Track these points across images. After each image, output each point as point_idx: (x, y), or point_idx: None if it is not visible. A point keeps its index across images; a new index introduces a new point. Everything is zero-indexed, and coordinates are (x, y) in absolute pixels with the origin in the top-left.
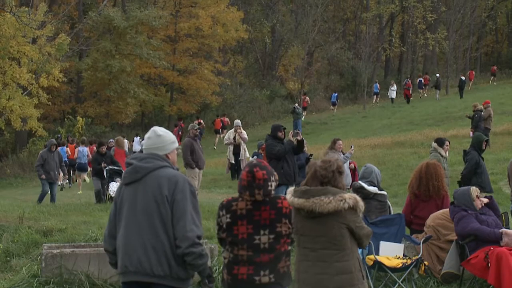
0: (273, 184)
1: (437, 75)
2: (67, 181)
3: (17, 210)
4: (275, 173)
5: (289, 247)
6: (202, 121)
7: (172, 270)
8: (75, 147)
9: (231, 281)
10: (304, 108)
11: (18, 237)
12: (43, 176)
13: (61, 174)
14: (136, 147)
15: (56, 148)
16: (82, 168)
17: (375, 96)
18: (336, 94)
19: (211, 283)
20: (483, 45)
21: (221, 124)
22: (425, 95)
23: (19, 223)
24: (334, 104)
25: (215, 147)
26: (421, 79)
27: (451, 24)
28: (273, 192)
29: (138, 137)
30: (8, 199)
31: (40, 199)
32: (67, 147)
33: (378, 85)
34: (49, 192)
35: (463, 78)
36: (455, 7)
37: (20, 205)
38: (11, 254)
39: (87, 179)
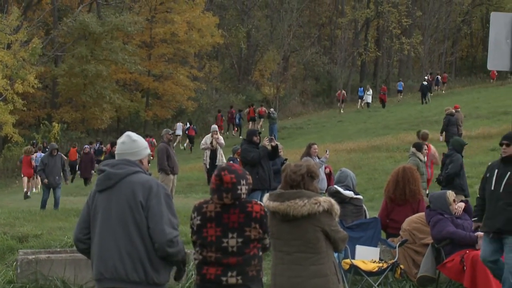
0: (244, 187)
1: (427, 76)
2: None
3: None
4: (248, 176)
5: (260, 252)
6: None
7: (148, 276)
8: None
9: (200, 281)
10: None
11: None
12: (45, 181)
13: (38, 180)
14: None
15: (57, 152)
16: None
17: (360, 100)
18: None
19: (183, 271)
20: (458, 49)
21: (255, 113)
22: (443, 91)
23: None
24: (361, 98)
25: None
26: (438, 76)
27: (426, 28)
28: (244, 195)
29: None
30: None
31: (42, 206)
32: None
33: (363, 89)
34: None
35: (424, 83)
36: (430, 12)
37: None
38: None
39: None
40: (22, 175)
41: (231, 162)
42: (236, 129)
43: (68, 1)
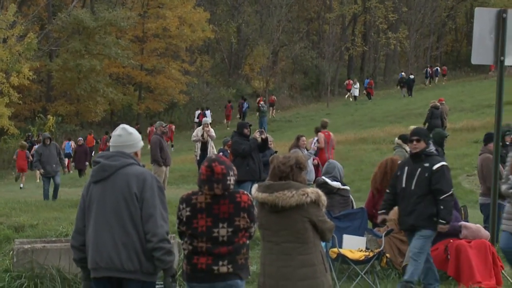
0: (232, 178)
1: (402, 73)
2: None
3: None
4: (234, 168)
5: (248, 241)
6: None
7: (142, 265)
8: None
9: (190, 271)
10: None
11: None
12: (42, 171)
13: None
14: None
15: (51, 141)
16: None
17: (402, 88)
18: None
19: (174, 283)
20: (443, 44)
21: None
22: (443, 83)
23: None
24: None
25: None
26: (438, 68)
27: (412, 23)
28: (232, 186)
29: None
30: None
31: (45, 197)
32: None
33: (403, 74)
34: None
35: (411, 76)
36: (416, 7)
37: None
38: None
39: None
40: (17, 169)
41: (222, 153)
42: (240, 117)
43: None
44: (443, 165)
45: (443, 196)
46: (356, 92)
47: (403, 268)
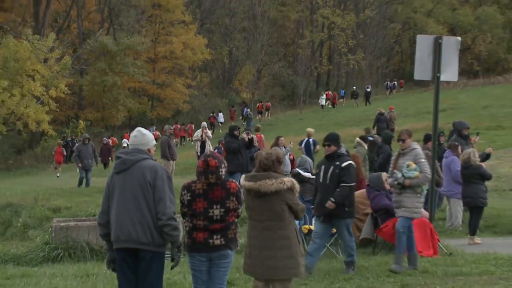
0: (223, 170)
1: (354, 87)
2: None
3: (33, 193)
4: (225, 162)
5: (236, 219)
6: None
7: (154, 238)
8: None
9: (191, 243)
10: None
11: (33, 214)
12: (80, 165)
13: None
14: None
15: (89, 141)
16: None
17: (342, 99)
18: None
19: (179, 253)
20: (391, 63)
21: (262, 108)
22: (357, 101)
23: (35, 203)
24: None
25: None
26: (395, 82)
27: (367, 47)
28: (223, 176)
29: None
30: (26, 185)
31: (79, 183)
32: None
33: (344, 91)
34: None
35: (368, 89)
36: (370, 34)
37: (36, 189)
38: (28, 226)
39: None
40: (54, 162)
41: (217, 150)
42: (244, 119)
43: (90, 26)
44: (350, 163)
45: (343, 184)
46: (323, 102)
47: (360, 241)
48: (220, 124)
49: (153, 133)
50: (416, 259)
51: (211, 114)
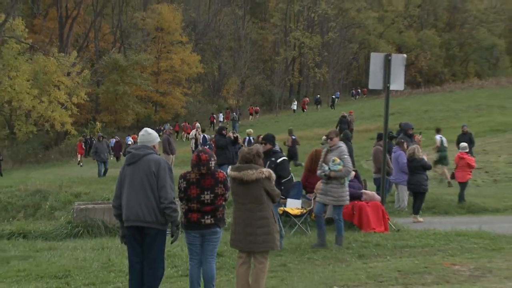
0: (213, 163)
1: (318, 96)
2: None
3: (58, 181)
4: (214, 156)
5: (224, 202)
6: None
7: (157, 218)
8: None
9: (187, 222)
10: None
11: (59, 198)
12: (97, 159)
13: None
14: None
15: (103, 139)
16: None
17: (318, 105)
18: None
19: (178, 230)
20: (350, 76)
21: (253, 110)
22: (319, 107)
23: (59, 189)
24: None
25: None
26: (359, 90)
27: (330, 63)
28: (213, 167)
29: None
30: (52, 175)
31: (99, 174)
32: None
33: (319, 96)
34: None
35: (333, 96)
36: (333, 52)
37: (60, 178)
38: (54, 208)
39: None
40: (78, 154)
41: (208, 146)
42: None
43: (105, 45)
44: (284, 159)
45: (284, 180)
46: (294, 107)
47: (326, 220)
48: (220, 122)
49: (168, 129)
50: (324, 237)
51: (212, 114)
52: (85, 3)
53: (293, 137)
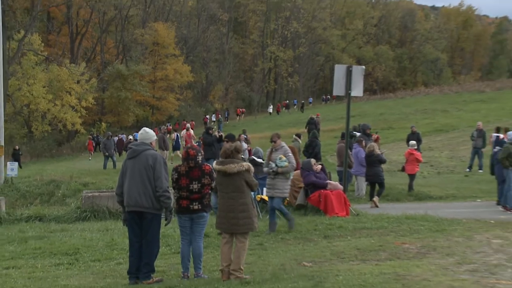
0: (200, 157)
1: (287, 101)
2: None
3: (69, 173)
4: (202, 151)
5: (210, 191)
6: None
7: (153, 204)
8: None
9: (178, 208)
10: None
11: (69, 187)
12: (106, 154)
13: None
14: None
15: (111, 137)
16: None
17: (288, 109)
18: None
19: (171, 215)
20: (317, 84)
21: (240, 112)
22: (289, 111)
23: (70, 180)
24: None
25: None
26: (329, 96)
27: (300, 73)
28: (200, 161)
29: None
30: (64, 167)
31: (104, 167)
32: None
33: (297, 100)
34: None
35: (303, 101)
36: (302, 64)
37: (71, 170)
38: (66, 196)
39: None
40: (88, 150)
41: (197, 143)
42: (226, 120)
43: (110, 57)
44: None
45: None
46: (270, 110)
47: (296, 206)
48: (212, 122)
49: (169, 127)
50: (275, 226)
51: (205, 116)
52: (92, 22)
53: (245, 136)
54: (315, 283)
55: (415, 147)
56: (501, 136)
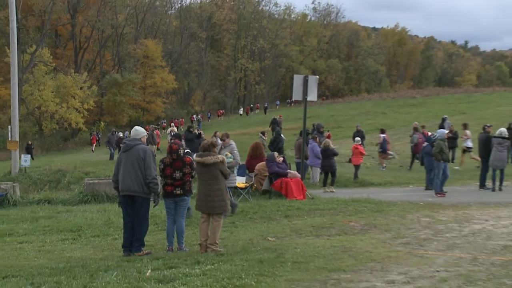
0: (182, 151)
1: (251, 104)
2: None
3: (74, 163)
4: (183, 145)
5: (191, 179)
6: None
7: (143, 189)
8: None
9: (164, 193)
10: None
11: (74, 175)
12: (109, 147)
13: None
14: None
15: (115, 133)
16: None
17: (252, 111)
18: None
19: (158, 198)
20: (280, 91)
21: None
22: (253, 113)
23: (74, 169)
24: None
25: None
26: (293, 100)
27: (266, 82)
28: (181, 154)
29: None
30: (69, 159)
31: (110, 158)
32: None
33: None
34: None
35: (265, 105)
36: (267, 74)
37: (75, 161)
38: (70, 182)
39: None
40: (92, 143)
41: (178, 139)
42: (208, 119)
43: (107, 68)
44: (187, 151)
45: None
46: (241, 111)
47: (262, 191)
48: (199, 120)
49: (164, 124)
50: (235, 208)
51: (192, 115)
52: (93, 38)
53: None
54: (277, 255)
55: (360, 143)
56: (421, 133)
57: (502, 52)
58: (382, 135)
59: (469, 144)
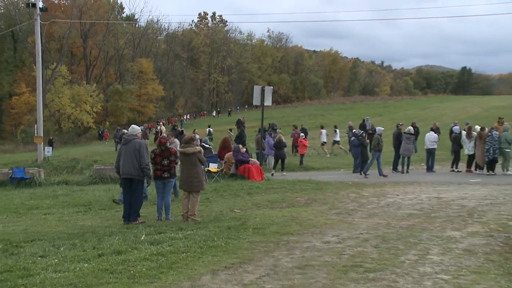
0: (168, 144)
1: (218, 108)
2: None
3: (85, 153)
4: (169, 140)
5: (176, 165)
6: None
7: (138, 173)
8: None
9: (155, 176)
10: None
11: (85, 162)
12: (118, 141)
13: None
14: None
15: (119, 130)
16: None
17: (218, 114)
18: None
19: (150, 180)
20: (243, 98)
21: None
22: (219, 115)
23: (86, 157)
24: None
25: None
26: (258, 105)
27: (233, 91)
28: (168, 146)
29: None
30: (82, 150)
31: (116, 150)
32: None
33: (239, 107)
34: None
35: (230, 109)
36: (234, 85)
37: (86, 152)
38: (83, 168)
39: None
40: (104, 138)
41: (167, 135)
42: (194, 118)
43: (111, 80)
44: (144, 144)
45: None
46: (214, 114)
47: (230, 175)
48: (188, 119)
49: (144, 125)
50: (177, 193)
51: (180, 116)
52: (100, 58)
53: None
54: (242, 222)
55: (304, 137)
56: (354, 130)
57: (408, 70)
58: (323, 130)
59: (337, 138)
